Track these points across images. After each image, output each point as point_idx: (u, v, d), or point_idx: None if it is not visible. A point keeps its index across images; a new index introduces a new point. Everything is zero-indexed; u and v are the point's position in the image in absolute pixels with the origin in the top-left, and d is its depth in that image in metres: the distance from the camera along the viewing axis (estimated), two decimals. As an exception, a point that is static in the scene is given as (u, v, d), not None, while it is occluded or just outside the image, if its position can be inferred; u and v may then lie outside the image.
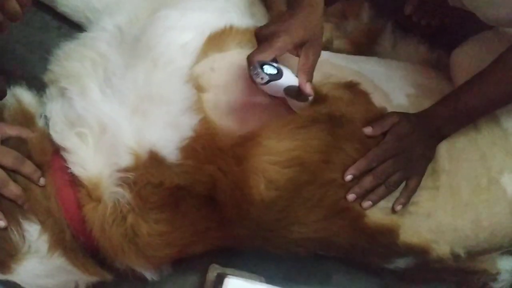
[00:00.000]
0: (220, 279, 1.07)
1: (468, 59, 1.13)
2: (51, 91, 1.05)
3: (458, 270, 1.15)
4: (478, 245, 1.08)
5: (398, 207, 1.01)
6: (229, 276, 1.01)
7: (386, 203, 1.01)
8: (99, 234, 0.96)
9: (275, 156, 0.95)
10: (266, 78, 0.85)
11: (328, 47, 1.20)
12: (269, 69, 0.86)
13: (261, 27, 0.91)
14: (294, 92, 0.89)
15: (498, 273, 1.18)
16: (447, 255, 1.06)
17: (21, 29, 1.25)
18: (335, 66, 1.10)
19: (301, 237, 1.04)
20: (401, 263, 1.12)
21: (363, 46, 1.25)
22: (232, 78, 0.96)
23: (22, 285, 0.98)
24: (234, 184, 0.94)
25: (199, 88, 0.95)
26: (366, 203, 0.99)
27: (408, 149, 1.00)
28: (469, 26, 1.27)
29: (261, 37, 0.90)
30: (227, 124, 0.95)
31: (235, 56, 0.99)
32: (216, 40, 0.98)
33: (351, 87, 1.05)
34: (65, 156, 0.96)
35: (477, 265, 1.15)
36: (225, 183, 0.95)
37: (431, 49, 1.29)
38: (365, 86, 1.06)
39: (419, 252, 1.05)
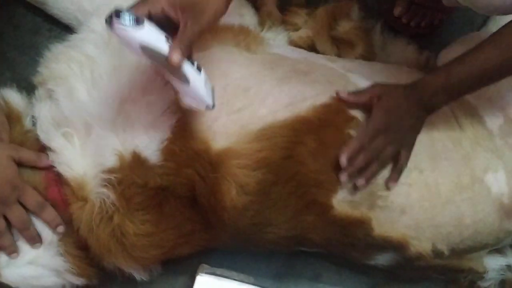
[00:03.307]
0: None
1: (455, 60, 1.13)
2: (39, 92, 1.05)
3: (445, 268, 1.15)
4: (463, 242, 1.08)
5: (392, 183, 1.00)
6: (200, 274, 1.02)
7: (351, 197, 1.00)
8: (86, 233, 0.97)
9: (244, 160, 0.95)
10: (114, 23, 0.75)
11: (312, 48, 1.21)
12: (128, 20, 0.75)
13: None
14: (161, 61, 0.79)
15: (485, 272, 1.18)
16: (427, 252, 1.06)
17: (12, 31, 1.26)
18: (315, 66, 1.10)
19: (276, 237, 1.05)
20: (381, 259, 1.12)
21: (352, 47, 1.25)
22: (209, 76, 0.95)
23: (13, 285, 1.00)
24: (210, 189, 0.95)
25: None
26: (360, 181, 0.98)
27: (397, 122, 0.99)
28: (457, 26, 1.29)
29: None
30: (200, 124, 0.95)
31: (215, 54, 0.99)
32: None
33: None
34: (51, 156, 0.97)
35: (464, 263, 1.15)
36: (203, 187, 0.96)
37: (420, 50, 1.30)
38: (341, 85, 1.07)
39: (397, 247, 1.05)
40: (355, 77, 1.10)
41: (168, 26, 0.81)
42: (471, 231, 1.07)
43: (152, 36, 0.78)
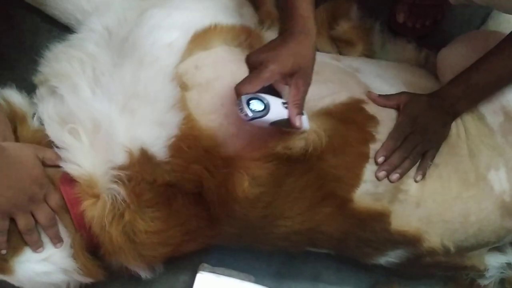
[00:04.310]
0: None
1: (454, 58, 1.14)
2: (41, 91, 1.05)
3: (448, 266, 1.15)
4: (467, 239, 1.09)
5: (419, 178, 1.05)
6: (200, 272, 1.02)
7: (375, 189, 1.03)
8: (98, 231, 0.97)
9: (257, 153, 0.95)
10: (250, 115, 0.83)
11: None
12: (256, 104, 0.84)
13: (250, 54, 0.88)
14: (284, 124, 0.88)
15: (486, 269, 1.19)
16: (439, 247, 1.07)
17: (11, 31, 1.26)
18: (323, 65, 1.11)
19: (287, 231, 1.05)
20: (393, 256, 1.12)
21: (351, 46, 1.26)
22: (215, 75, 0.97)
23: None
24: (220, 183, 0.95)
25: (183, 86, 0.96)
26: (394, 176, 1.03)
27: (422, 127, 1.04)
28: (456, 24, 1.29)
29: (250, 65, 0.88)
30: (209, 122, 0.95)
31: (219, 53, 0.99)
32: (201, 38, 0.99)
33: None
34: (60, 154, 0.97)
35: (465, 261, 1.16)
36: (211, 183, 0.96)
37: (419, 48, 1.30)
38: (353, 84, 1.08)
39: (412, 242, 1.07)
40: (363, 76, 1.12)
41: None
42: (475, 229, 1.08)
43: (277, 112, 0.86)
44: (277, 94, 0.89)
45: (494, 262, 1.20)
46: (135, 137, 0.95)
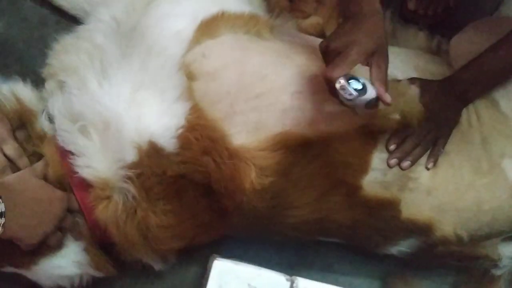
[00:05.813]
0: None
1: (467, 45, 1.13)
2: (50, 85, 1.05)
3: (462, 255, 1.14)
4: (480, 228, 1.08)
5: (430, 165, 1.04)
6: (217, 258, 1.02)
7: (383, 177, 1.02)
8: (115, 231, 0.97)
9: (264, 143, 0.95)
10: (354, 94, 0.85)
11: (323, 35, 1.19)
12: (355, 84, 0.85)
13: (327, 41, 0.90)
14: (372, 103, 0.89)
15: (499, 259, 1.17)
16: (452, 236, 1.07)
17: (19, 23, 1.26)
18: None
19: (297, 221, 1.05)
20: (405, 245, 1.12)
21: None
22: (223, 64, 0.96)
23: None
24: (227, 175, 0.95)
25: (190, 76, 0.95)
26: (406, 163, 1.02)
27: (434, 113, 1.03)
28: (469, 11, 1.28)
29: (331, 51, 0.89)
30: (215, 112, 0.95)
31: (226, 41, 0.98)
32: (208, 26, 0.98)
33: None
34: (72, 160, 0.96)
35: (478, 250, 1.14)
36: (219, 174, 0.95)
37: (431, 36, 1.29)
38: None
39: (424, 230, 1.06)
40: None
41: None
42: (489, 218, 1.07)
43: (370, 90, 0.87)
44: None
45: (508, 251, 1.18)
46: (144, 130, 0.94)
